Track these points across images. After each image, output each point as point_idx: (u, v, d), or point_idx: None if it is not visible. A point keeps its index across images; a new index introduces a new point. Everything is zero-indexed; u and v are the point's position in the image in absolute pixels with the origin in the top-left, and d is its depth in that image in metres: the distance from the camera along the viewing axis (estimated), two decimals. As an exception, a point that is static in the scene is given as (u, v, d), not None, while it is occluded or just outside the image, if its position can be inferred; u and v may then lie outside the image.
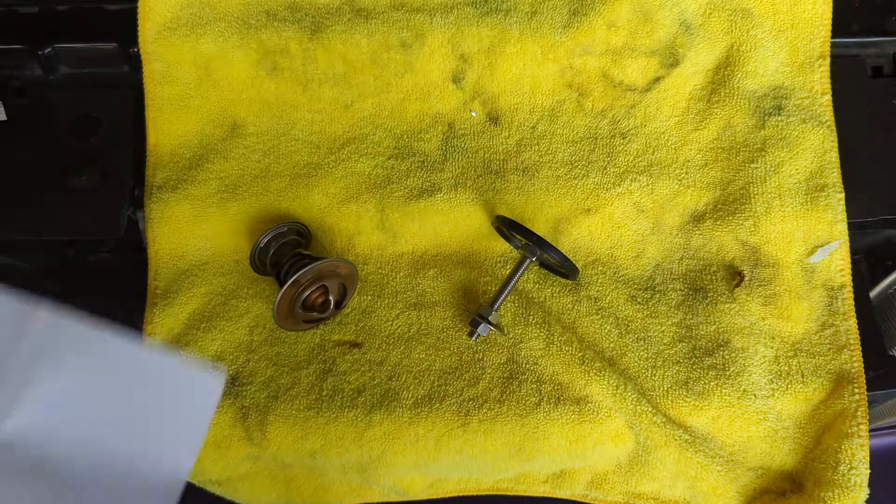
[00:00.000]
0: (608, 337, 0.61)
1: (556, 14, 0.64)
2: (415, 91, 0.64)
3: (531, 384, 0.59)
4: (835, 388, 0.60)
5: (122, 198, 0.63)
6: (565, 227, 0.63)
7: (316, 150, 0.64)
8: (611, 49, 0.64)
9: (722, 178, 0.64)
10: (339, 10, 0.64)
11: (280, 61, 0.64)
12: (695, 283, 0.63)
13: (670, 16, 0.64)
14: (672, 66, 0.65)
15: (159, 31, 0.64)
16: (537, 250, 0.56)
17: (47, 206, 0.62)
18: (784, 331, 0.61)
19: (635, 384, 0.60)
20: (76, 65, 0.68)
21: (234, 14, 0.64)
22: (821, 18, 0.66)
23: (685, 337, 0.61)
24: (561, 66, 0.65)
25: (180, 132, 0.64)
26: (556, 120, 0.65)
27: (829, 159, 0.63)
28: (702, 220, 0.64)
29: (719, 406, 0.59)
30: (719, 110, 0.64)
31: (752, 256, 0.62)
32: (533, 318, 0.60)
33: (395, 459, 0.59)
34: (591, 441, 0.59)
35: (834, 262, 0.62)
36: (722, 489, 0.62)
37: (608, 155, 0.64)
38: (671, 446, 0.59)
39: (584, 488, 0.66)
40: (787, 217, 0.62)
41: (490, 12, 0.64)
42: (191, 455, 0.41)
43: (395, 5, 0.65)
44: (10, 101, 0.66)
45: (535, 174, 0.64)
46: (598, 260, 0.64)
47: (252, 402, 0.59)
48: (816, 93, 0.65)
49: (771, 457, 0.61)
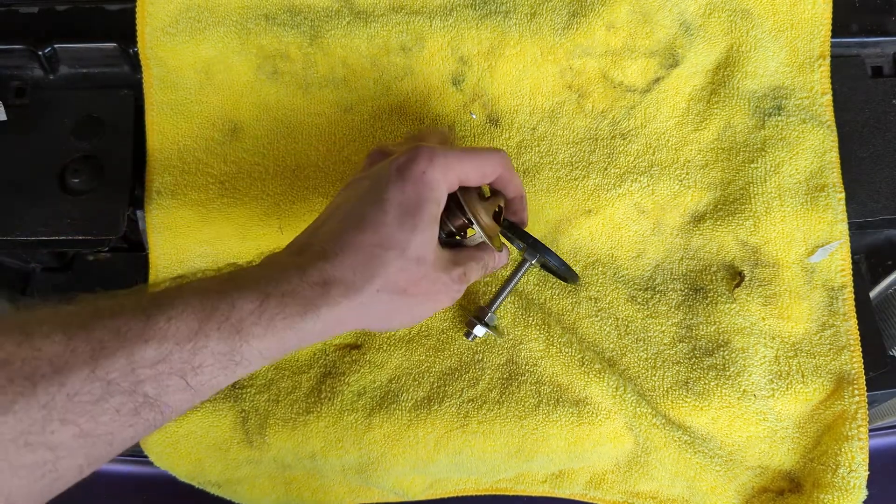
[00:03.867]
0: (608, 338, 0.62)
1: (556, 16, 0.64)
2: (415, 94, 0.64)
3: (530, 385, 0.59)
4: (835, 389, 0.60)
5: (122, 198, 0.63)
6: (566, 228, 0.63)
7: (316, 153, 0.64)
8: (610, 50, 0.64)
9: (722, 179, 0.64)
10: (338, 13, 0.64)
11: (280, 65, 0.64)
12: (695, 283, 0.63)
13: (670, 16, 0.64)
14: (672, 67, 0.65)
15: (158, 36, 0.64)
16: (537, 254, 0.55)
17: (47, 206, 0.62)
18: (784, 331, 0.61)
19: (635, 385, 0.60)
20: (76, 65, 0.68)
21: (233, 18, 0.64)
22: (821, 18, 0.66)
23: (685, 337, 0.62)
24: (560, 68, 0.65)
25: (180, 136, 0.64)
26: (556, 121, 0.65)
27: (829, 159, 0.63)
28: (702, 220, 0.64)
29: (719, 406, 0.59)
30: (719, 111, 0.64)
31: (753, 256, 0.62)
32: (533, 320, 0.60)
33: (394, 461, 0.59)
34: (590, 442, 0.59)
35: (834, 263, 0.62)
36: (720, 488, 0.62)
37: (608, 156, 0.64)
38: (670, 447, 0.59)
39: (582, 488, 0.67)
40: (787, 217, 0.62)
41: (489, 14, 0.63)
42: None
43: (394, 8, 0.64)
44: (10, 101, 0.66)
45: (536, 175, 0.63)
46: (598, 260, 0.64)
47: (252, 406, 0.59)
48: (816, 93, 0.65)
49: (770, 456, 0.62)
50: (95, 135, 0.64)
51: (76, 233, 0.61)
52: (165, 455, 0.60)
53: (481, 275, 0.52)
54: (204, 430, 0.59)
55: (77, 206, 0.62)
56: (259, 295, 0.39)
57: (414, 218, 0.44)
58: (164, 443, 0.60)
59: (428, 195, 0.45)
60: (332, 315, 0.41)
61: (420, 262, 0.44)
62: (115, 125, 0.65)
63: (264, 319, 0.38)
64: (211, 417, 0.59)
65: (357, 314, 0.43)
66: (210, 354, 0.36)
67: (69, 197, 0.62)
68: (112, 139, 0.64)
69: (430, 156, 0.45)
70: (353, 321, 0.43)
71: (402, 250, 0.43)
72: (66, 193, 0.62)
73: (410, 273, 0.44)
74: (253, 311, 0.38)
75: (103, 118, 0.65)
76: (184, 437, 0.59)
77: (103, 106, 0.65)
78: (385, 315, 0.45)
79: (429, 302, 0.47)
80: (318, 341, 0.44)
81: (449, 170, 0.46)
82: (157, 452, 0.61)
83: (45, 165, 0.63)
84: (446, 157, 0.46)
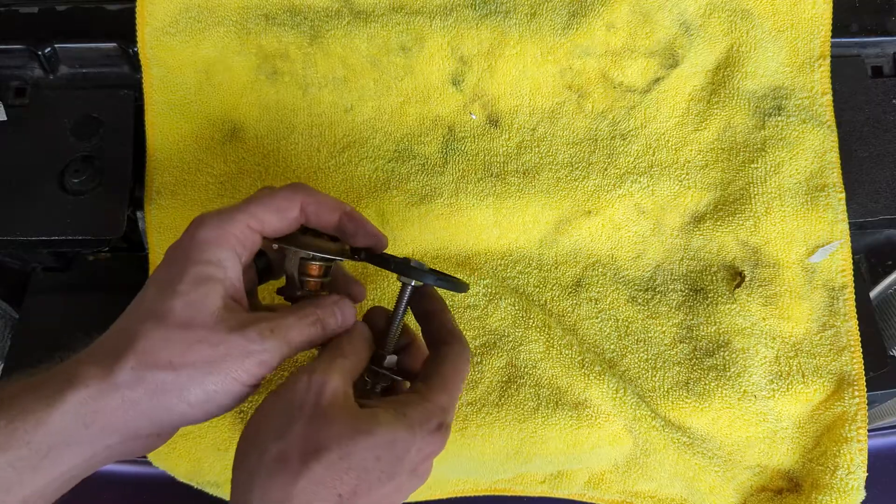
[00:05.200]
0: (608, 339, 0.61)
1: (556, 16, 0.64)
2: (414, 94, 0.64)
3: (529, 388, 0.59)
4: (835, 390, 0.60)
5: (122, 198, 0.62)
6: (566, 229, 0.63)
7: (316, 153, 0.64)
8: (610, 50, 0.64)
9: (722, 179, 0.64)
10: (338, 13, 0.64)
11: (280, 65, 0.64)
12: (695, 283, 0.63)
13: (669, 17, 0.64)
14: (672, 67, 0.65)
15: (158, 36, 0.63)
16: (411, 278, 0.45)
17: (47, 206, 0.62)
18: (785, 331, 0.61)
19: (635, 387, 0.60)
20: (76, 65, 0.68)
21: (232, 18, 0.64)
22: (821, 18, 0.65)
23: (686, 338, 0.61)
24: (560, 68, 0.65)
25: (180, 136, 0.64)
26: (556, 122, 0.65)
27: (829, 159, 0.63)
28: (702, 220, 0.64)
29: (720, 407, 0.59)
30: (719, 111, 0.64)
31: (753, 257, 0.62)
32: (533, 321, 0.60)
33: (393, 461, 0.59)
34: (589, 444, 0.59)
35: (835, 263, 0.62)
36: (719, 488, 0.62)
37: (608, 156, 0.64)
38: (669, 449, 0.59)
39: (581, 488, 0.67)
40: (787, 217, 0.62)
41: (489, 14, 0.63)
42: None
43: (394, 8, 0.64)
44: (10, 101, 0.66)
45: (536, 176, 0.63)
46: (598, 261, 0.64)
47: (250, 406, 0.59)
48: (816, 93, 0.65)
49: (769, 456, 0.62)
50: (95, 135, 0.64)
51: (76, 233, 0.61)
52: (164, 455, 0.60)
53: (314, 333, 0.42)
54: (203, 431, 0.59)
55: (77, 206, 0.62)
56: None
57: (175, 285, 0.39)
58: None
59: (195, 257, 0.40)
60: (83, 407, 0.36)
61: (188, 327, 0.38)
62: (115, 125, 0.64)
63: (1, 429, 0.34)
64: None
65: (117, 403, 0.36)
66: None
67: (69, 197, 0.62)
68: (112, 139, 0.64)
69: (201, 219, 0.41)
70: (115, 413, 0.36)
71: (160, 319, 0.38)
72: (66, 193, 0.62)
73: (175, 342, 0.37)
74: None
75: (103, 118, 0.65)
76: (182, 438, 0.59)
77: (103, 106, 0.65)
78: (161, 402, 0.37)
79: (216, 372, 0.38)
80: (83, 462, 0.37)
81: (226, 223, 0.41)
82: (156, 453, 0.61)
83: (45, 165, 0.63)
84: (221, 214, 0.41)
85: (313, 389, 0.37)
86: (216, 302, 0.39)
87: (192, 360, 0.37)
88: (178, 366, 0.37)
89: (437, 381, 0.42)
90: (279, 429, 0.37)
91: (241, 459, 0.37)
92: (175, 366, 0.37)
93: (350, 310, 0.44)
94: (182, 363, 0.37)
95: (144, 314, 0.39)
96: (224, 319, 0.39)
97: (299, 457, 0.35)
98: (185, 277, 0.39)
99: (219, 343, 0.38)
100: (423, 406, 0.40)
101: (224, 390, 0.38)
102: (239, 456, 0.38)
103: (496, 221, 0.63)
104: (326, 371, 0.38)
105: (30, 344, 0.63)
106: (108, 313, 0.68)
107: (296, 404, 0.37)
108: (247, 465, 0.36)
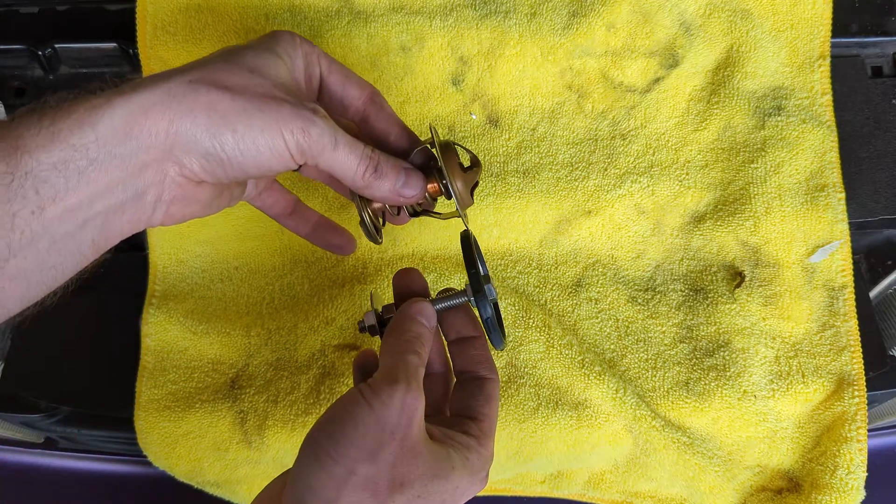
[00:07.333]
0: (608, 339, 0.61)
1: (556, 16, 0.64)
2: (414, 94, 0.64)
3: (529, 388, 0.59)
4: (835, 390, 0.60)
5: (122, 198, 0.62)
6: (566, 229, 0.63)
7: (316, 152, 0.64)
8: (610, 50, 0.64)
9: (722, 179, 0.64)
10: (338, 13, 0.64)
11: (280, 64, 0.64)
12: (695, 283, 0.63)
13: (669, 17, 0.64)
14: (672, 67, 0.65)
15: (158, 35, 0.63)
16: (471, 297, 0.45)
17: (47, 207, 0.62)
18: (785, 331, 0.61)
19: (635, 387, 0.60)
20: (76, 65, 0.68)
21: (233, 17, 0.64)
22: (821, 18, 0.66)
23: (686, 338, 0.61)
24: (560, 68, 0.65)
25: (180, 135, 0.64)
26: (556, 122, 0.65)
27: (829, 159, 0.63)
28: (702, 220, 0.64)
29: (720, 407, 0.59)
30: (719, 111, 0.64)
31: (753, 257, 0.62)
32: (533, 321, 0.60)
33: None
34: (589, 444, 0.59)
35: (835, 263, 0.62)
36: (719, 488, 0.62)
37: (608, 156, 0.64)
38: (669, 449, 0.59)
39: (581, 488, 0.67)
40: (787, 217, 0.62)
41: (489, 14, 0.63)
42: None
43: (394, 8, 0.64)
44: (10, 101, 0.66)
45: (536, 176, 0.63)
46: (598, 261, 0.64)
47: (250, 406, 0.59)
48: (816, 93, 0.65)
49: (769, 456, 0.62)
50: (95, 135, 0.64)
51: (76, 233, 0.61)
52: (164, 455, 0.60)
53: (365, 167, 0.43)
54: (202, 431, 0.59)
55: (77, 206, 0.62)
56: (41, 109, 0.34)
57: (251, 46, 0.41)
58: (163, 443, 0.60)
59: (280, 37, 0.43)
60: (131, 104, 0.35)
61: (254, 73, 0.39)
62: (115, 125, 0.64)
63: (44, 129, 0.33)
64: (209, 418, 0.59)
65: (164, 104, 0.36)
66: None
67: (69, 197, 0.62)
68: (112, 139, 0.64)
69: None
70: (160, 112, 0.36)
71: (231, 58, 0.39)
72: (66, 193, 0.62)
73: (239, 77, 0.38)
74: (33, 123, 0.34)
75: (103, 118, 0.64)
76: (182, 438, 0.59)
77: (103, 106, 0.65)
78: (205, 119, 0.36)
79: (264, 116, 0.38)
80: (127, 146, 0.36)
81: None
82: (156, 452, 0.61)
83: (45, 165, 0.63)
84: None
85: (406, 414, 0.37)
86: (282, 72, 0.41)
87: (252, 93, 0.38)
88: (237, 94, 0.37)
89: (488, 426, 0.43)
90: (371, 450, 0.36)
91: (325, 461, 0.36)
92: (235, 93, 0.37)
93: (430, 311, 0.45)
94: (242, 93, 0.37)
95: (216, 55, 0.40)
96: (293, 85, 0.41)
97: (387, 486, 0.36)
98: (270, 42, 0.42)
99: (275, 94, 0.39)
100: (480, 454, 0.41)
101: (269, 141, 0.38)
102: (321, 454, 0.37)
103: (496, 221, 0.63)
104: (417, 396, 0.38)
105: (30, 344, 0.63)
106: (109, 313, 0.68)
107: (388, 428, 0.37)
108: (335, 474, 0.36)
